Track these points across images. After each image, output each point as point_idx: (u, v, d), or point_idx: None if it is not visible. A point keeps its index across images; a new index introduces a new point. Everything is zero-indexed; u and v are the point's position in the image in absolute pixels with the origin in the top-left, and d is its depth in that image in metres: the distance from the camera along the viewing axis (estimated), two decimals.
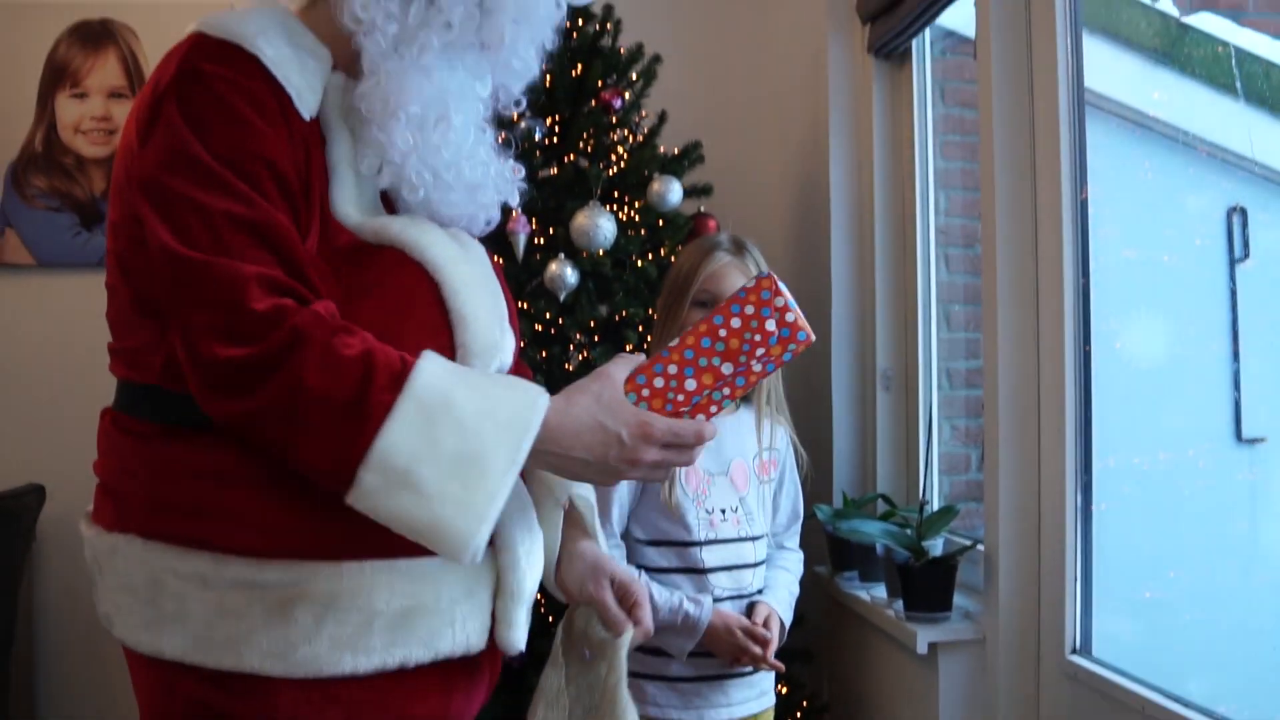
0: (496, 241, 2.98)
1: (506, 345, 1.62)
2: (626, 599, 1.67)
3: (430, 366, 1.36)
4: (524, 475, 1.48)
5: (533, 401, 1.39)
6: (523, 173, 1.78)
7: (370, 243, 1.53)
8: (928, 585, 2.66)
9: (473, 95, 1.67)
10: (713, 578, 2.44)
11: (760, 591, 2.51)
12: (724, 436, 2.47)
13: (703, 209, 3.39)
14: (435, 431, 1.32)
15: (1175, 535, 2.61)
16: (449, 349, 1.50)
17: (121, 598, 1.49)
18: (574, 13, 2.92)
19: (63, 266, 4.04)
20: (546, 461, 1.45)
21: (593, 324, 3.22)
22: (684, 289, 2.49)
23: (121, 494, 1.53)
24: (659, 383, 1.45)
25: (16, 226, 4.02)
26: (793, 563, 2.66)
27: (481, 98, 1.70)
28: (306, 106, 1.51)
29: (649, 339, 3.21)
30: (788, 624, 2.54)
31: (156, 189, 1.40)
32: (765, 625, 2.41)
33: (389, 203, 1.64)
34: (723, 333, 1.45)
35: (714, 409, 1.47)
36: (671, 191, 3.21)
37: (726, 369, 1.45)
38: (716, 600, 2.40)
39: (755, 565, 2.50)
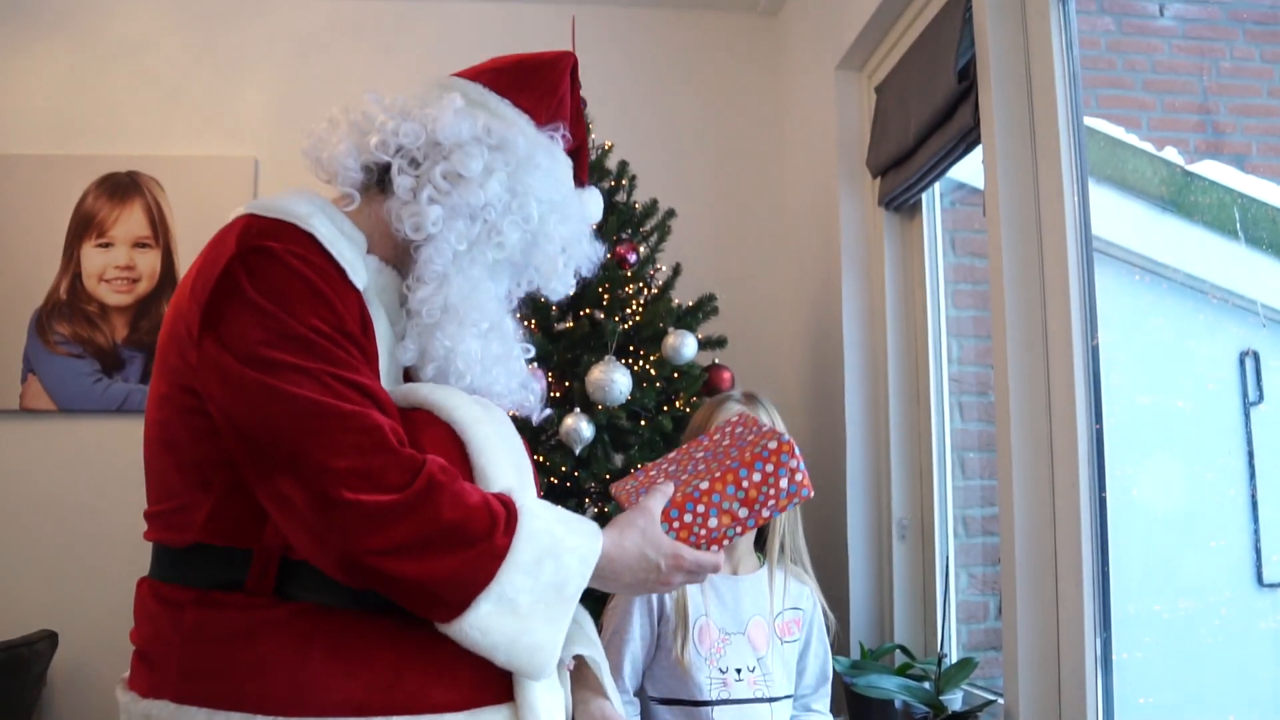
0: None
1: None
2: None
3: (532, 508, 1.56)
4: None
5: (595, 535, 1.61)
6: (531, 353, 1.93)
7: (401, 406, 1.64)
8: None
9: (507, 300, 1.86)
10: None
11: None
12: (742, 595, 2.46)
13: (717, 360, 3.41)
14: (540, 568, 1.52)
15: (1199, 684, 2.56)
16: None
17: None
18: (590, 168, 2.98)
19: (82, 412, 4.07)
20: (599, 582, 1.64)
21: (608, 477, 3.21)
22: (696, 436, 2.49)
23: (156, 660, 1.61)
24: (688, 518, 1.72)
25: (39, 372, 4.06)
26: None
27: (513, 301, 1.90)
28: (359, 279, 1.63)
29: None
30: None
31: (258, 361, 1.49)
32: None
33: (408, 375, 1.79)
34: (745, 484, 1.74)
35: (725, 541, 1.74)
36: (686, 345, 3.22)
37: (742, 513, 1.74)
38: None
39: None
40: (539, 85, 1.87)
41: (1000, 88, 2.61)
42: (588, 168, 2.04)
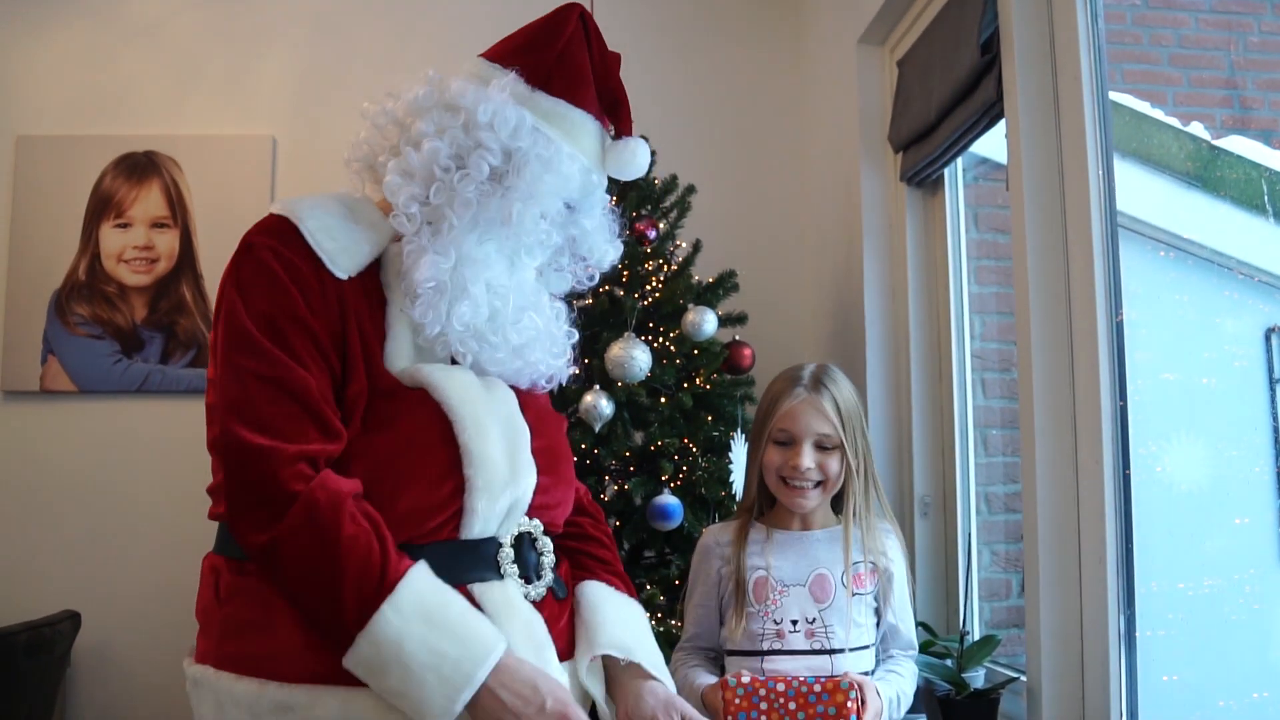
0: None
1: (522, 481, 1.80)
2: None
3: (393, 615, 1.57)
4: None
5: (480, 661, 1.60)
6: (575, 337, 2.06)
7: (406, 385, 1.75)
8: (970, 719, 2.60)
9: (504, 267, 1.89)
10: None
11: None
12: (808, 549, 2.51)
13: (737, 337, 3.40)
14: (384, 676, 1.58)
15: (1224, 662, 2.55)
16: (458, 483, 1.72)
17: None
18: None
19: (103, 393, 4.10)
20: (486, 706, 1.61)
21: (628, 454, 3.21)
22: (764, 424, 2.55)
23: (205, 629, 1.76)
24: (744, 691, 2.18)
25: (59, 354, 4.08)
26: (906, 669, 2.51)
27: (527, 268, 1.95)
28: (340, 268, 1.76)
29: (684, 469, 3.19)
30: (890, 709, 2.42)
31: (218, 350, 1.73)
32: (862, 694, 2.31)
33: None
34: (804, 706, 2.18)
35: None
36: (706, 321, 3.21)
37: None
38: None
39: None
40: (533, 44, 1.94)
41: (1024, 61, 2.58)
42: (629, 119, 2.02)
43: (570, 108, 1.90)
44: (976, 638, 2.85)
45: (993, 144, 3.03)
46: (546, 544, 1.90)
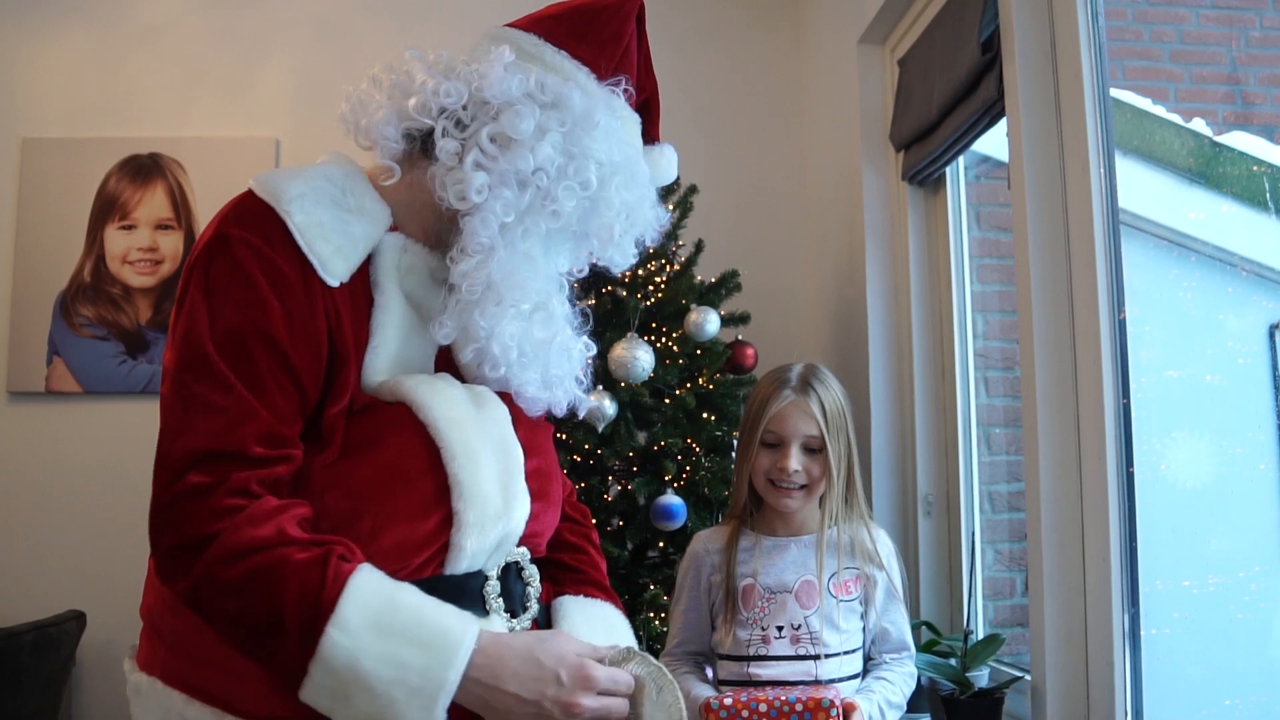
0: None
1: (515, 513, 1.61)
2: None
3: (339, 635, 1.36)
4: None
5: (447, 662, 1.39)
6: (592, 350, 1.81)
7: (385, 400, 1.55)
8: (974, 718, 2.59)
9: (562, 281, 1.73)
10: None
11: None
12: (792, 556, 2.49)
13: (740, 337, 3.40)
14: (348, 702, 1.37)
15: (1229, 660, 2.54)
16: (444, 516, 1.53)
17: None
18: None
19: (108, 394, 4.11)
20: (475, 695, 1.43)
21: (631, 454, 3.21)
22: (753, 427, 2.51)
23: (152, 632, 1.58)
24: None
25: (64, 355, 4.09)
26: (895, 675, 2.49)
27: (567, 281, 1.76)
28: (333, 274, 1.53)
29: (688, 469, 3.19)
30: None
31: (169, 365, 1.49)
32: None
33: (445, 357, 1.67)
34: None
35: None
36: (709, 321, 3.22)
37: None
38: None
39: (821, 684, 2.44)
40: (600, 33, 1.74)
41: (1025, 59, 2.58)
42: (659, 122, 1.90)
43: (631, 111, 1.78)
44: (980, 637, 2.84)
45: (994, 142, 3.03)
46: (533, 572, 1.72)
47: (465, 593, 1.56)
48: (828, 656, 2.43)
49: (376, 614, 1.38)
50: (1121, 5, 2.80)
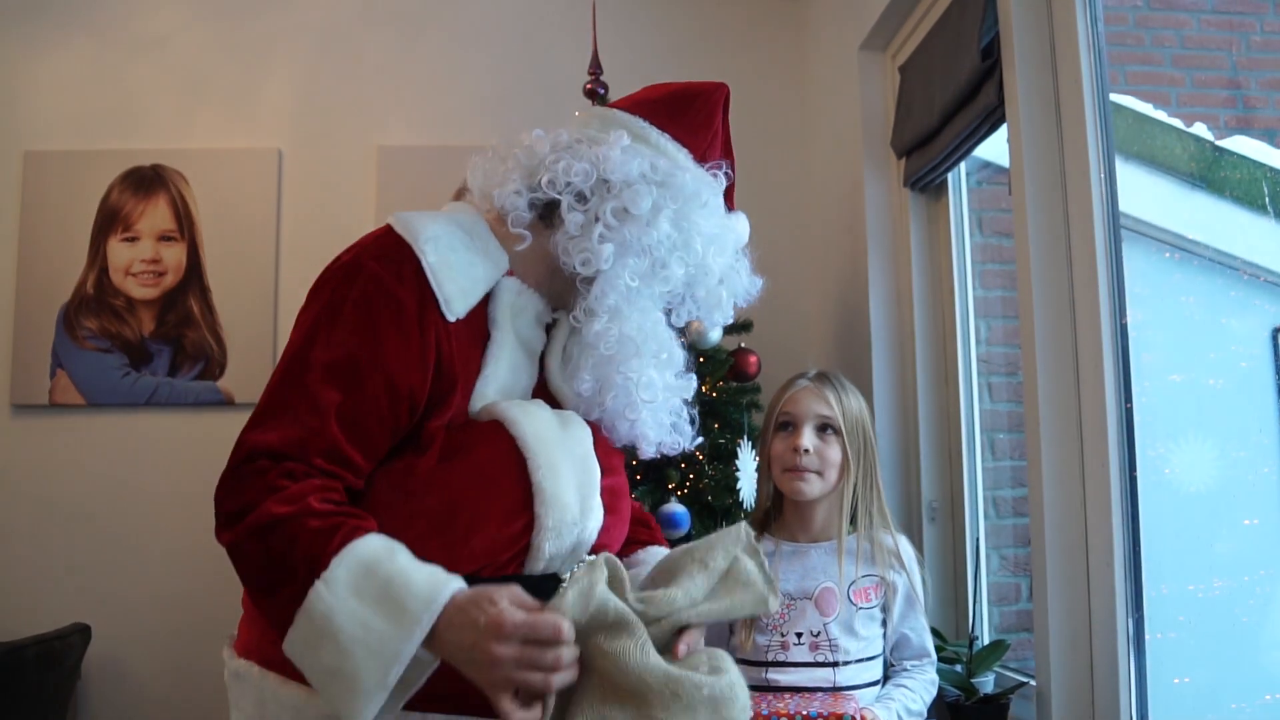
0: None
1: (589, 522, 1.75)
2: None
3: (328, 592, 1.48)
4: None
5: (406, 635, 1.46)
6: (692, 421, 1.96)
7: (482, 419, 1.72)
8: None
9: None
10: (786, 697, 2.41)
11: None
12: (813, 563, 2.53)
13: (743, 344, 3.39)
14: (319, 647, 1.48)
15: (1235, 664, 2.54)
16: (527, 521, 1.67)
17: (236, 716, 1.73)
18: None
19: (111, 406, 4.10)
20: (441, 656, 1.51)
21: (634, 462, 3.20)
22: (770, 414, 2.64)
23: (250, 619, 1.76)
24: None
25: (67, 367, 4.09)
26: (915, 682, 2.53)
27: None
28: (453, 312, 1.71)
29: (691, 476, 3.19)
30: None
31: (284, 358, 1.68)
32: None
33: (541, 387, 1.87)
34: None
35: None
36: (712, 330, 3.21)
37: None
38: None
39: (842, 690, 2.45)
40: (695, 117, 1.94)
41: (1025, 65, 2.58)
42: (734, 194, 2.07)
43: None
44: (986, 642, 2.84)
45: (995, 148, 3.03)
46: None
47: (540, 593, 1.65)
48: (846, 664, 2.46)
49: (359, 577, 1.49)
50: (1123, 10, 2.81)
